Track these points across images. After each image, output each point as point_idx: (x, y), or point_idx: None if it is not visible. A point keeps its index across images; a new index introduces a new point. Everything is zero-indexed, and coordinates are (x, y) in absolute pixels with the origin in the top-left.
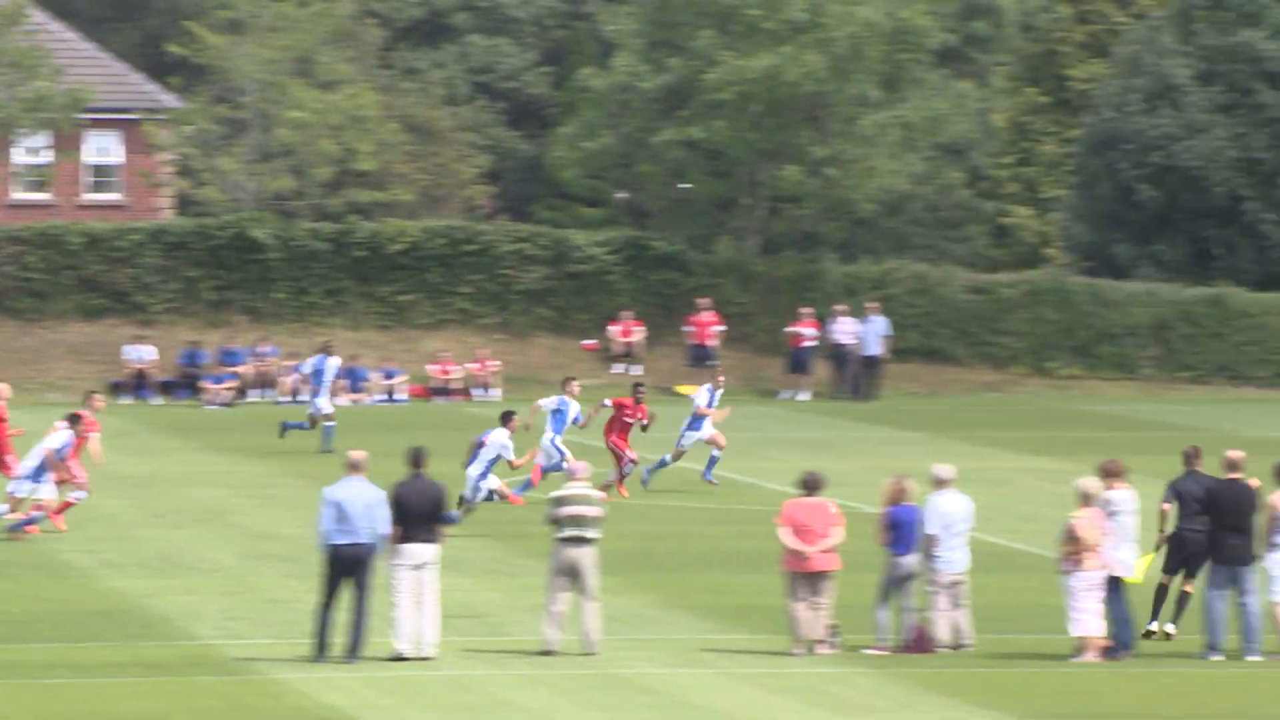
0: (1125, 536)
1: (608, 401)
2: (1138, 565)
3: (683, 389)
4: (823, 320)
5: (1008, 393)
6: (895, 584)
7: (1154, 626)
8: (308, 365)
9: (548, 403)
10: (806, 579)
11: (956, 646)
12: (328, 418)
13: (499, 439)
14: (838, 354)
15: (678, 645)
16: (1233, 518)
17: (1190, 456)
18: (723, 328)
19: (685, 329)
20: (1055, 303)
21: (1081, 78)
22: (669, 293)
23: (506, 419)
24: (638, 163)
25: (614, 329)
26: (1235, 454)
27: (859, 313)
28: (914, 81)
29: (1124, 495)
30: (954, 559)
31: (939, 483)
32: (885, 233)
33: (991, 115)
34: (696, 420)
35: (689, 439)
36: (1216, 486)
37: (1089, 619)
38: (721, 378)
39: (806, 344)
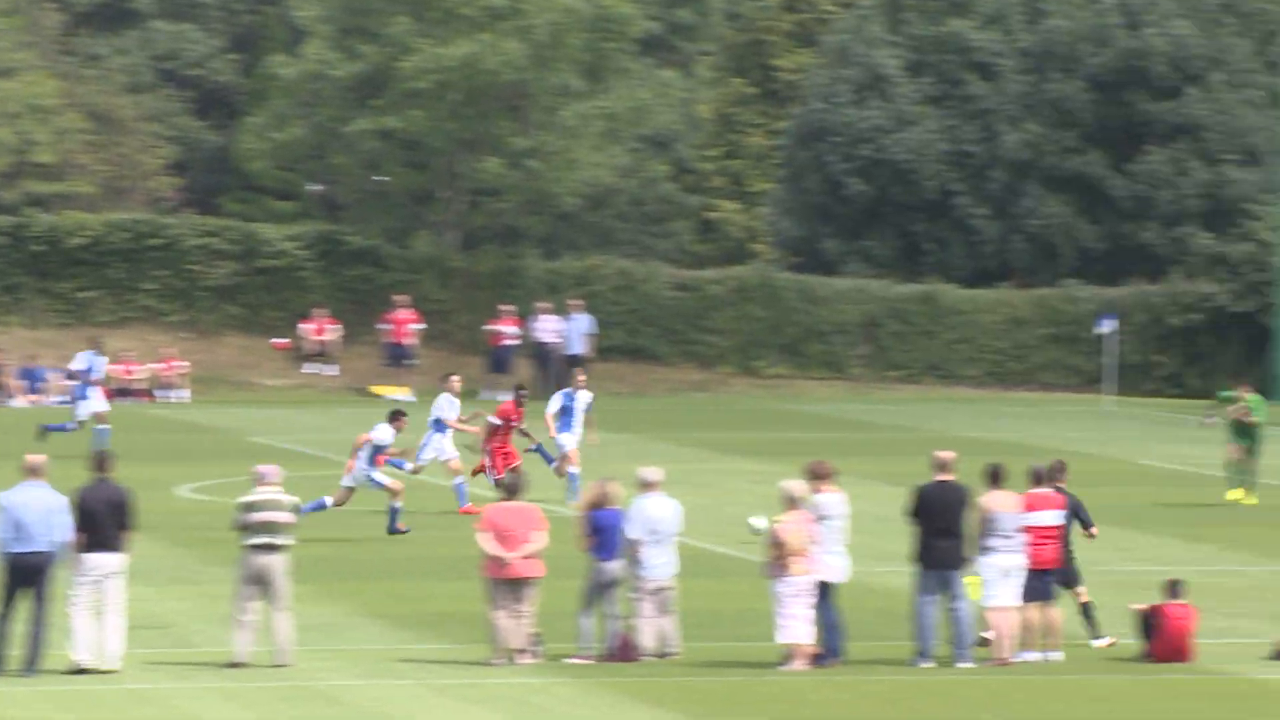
0: (835, 541)
1: (495, 419)
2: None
3: (379, 389)
4: (524, 318)
5: (714, 392)
6: (599, 590)
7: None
8: (79, 361)
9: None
10: (508, 586)
11: (662, 654)
12: (99, 419)
13: (381, 435)
14: (540, 353)
15: (374, 655)
16: (943, 520)
17: (1055, 471)
18: (421, 326)
19: (382, 327)
20: (763, 300)
21: (789, 68)
22: (364, 289)
23: (395, 418)
24: (331, 154)
25: (306, 327)
26: (944, 455)
27: (562, 310)
28: (617, 71)
29: (832, 498)
30: (660, 564)
31: (645, 485)
32: (588, 227)
33: (697, 106)
34: (566, 422)
35: (567, 441)
36: (925, 489)
37: (797, 626)
38: (582, 376)
39: (507, 342)
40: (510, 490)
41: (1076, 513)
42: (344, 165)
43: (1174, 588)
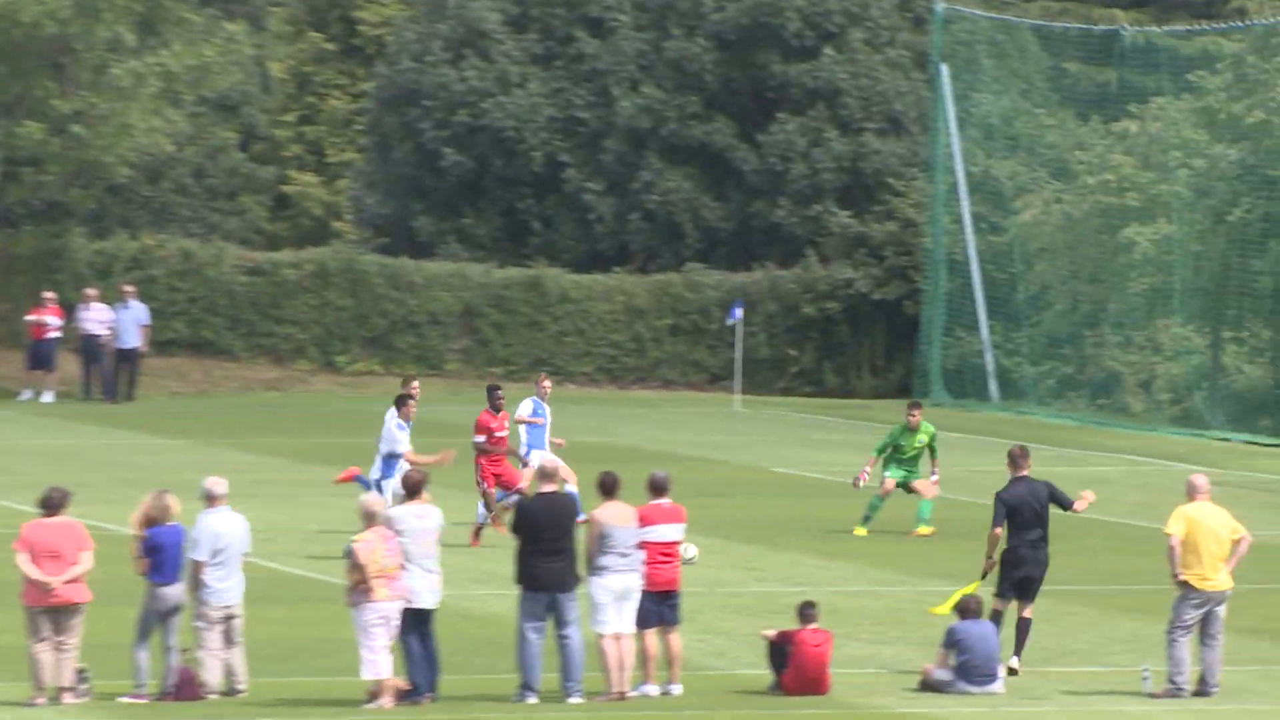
0: (422, 560)
1: (481, 448)
2: (950, 598)
3: None
4: (69, 307)
5: (291, 391)
6: (157, 619)
7: (1015, 664)
8: None
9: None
10: (50, 615)
11: (230, 692)
12: None
13: (389, 428)
14: (88, 347)
15: None
16: (549, 537)
17: (1017, 458)
18: None
19: None
20: (346, 286)
21: (374, 21)
22: None
23: (401, 402)
24: None
25: None
26: (550, 463)
27: (113, 298)
28: (175, 23)
29: (418, 511)
30: (227, 589)
31: (210, 499)
32: (144, 202)
33: (269, 64)
34: (535, 438)
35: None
36: (528, 502)
37: (382, 658)
38: (546, 383)
39: (50, 335)
40: (52, 505)
41: (1053, 495)
42: None
43: (807, 611)
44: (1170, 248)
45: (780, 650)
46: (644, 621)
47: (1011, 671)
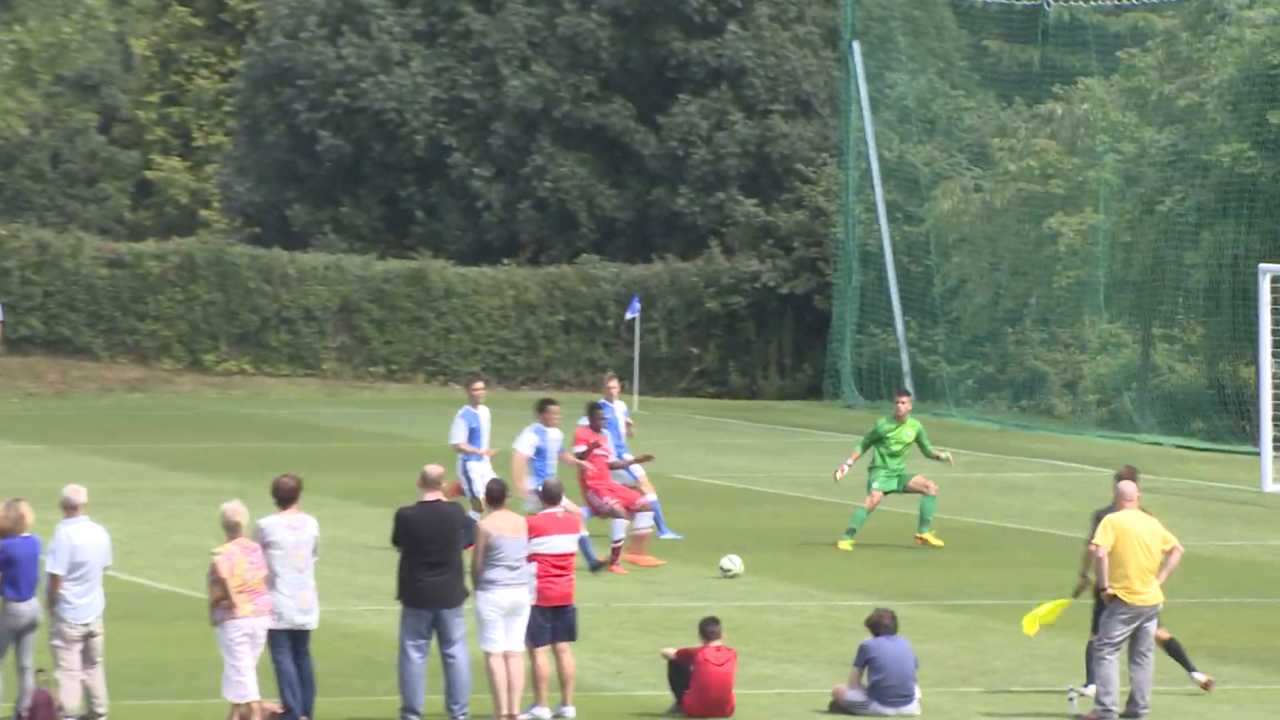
0: (295, 575)
1: (582, 457)
2: (1038, 614)
3: None
4: None
5: (155, 392)
6: (10, 637)
7: (1201, 677)
8: None
9: (458, 430)
10: None
11: (89, 715)
12: None
13: (554, 438)
14: None
15: None
16: (433, 549)
17: (1123, 479)
18: None
19: None
20: (214, 279)
21: None
22: None
23: (541, 408)
24: None
25: None
26: (434, 469)
27: None
28: None
29: (290, 521)
30: (86, 605)
31: (69, 508)
32: None
33: (130, 41)
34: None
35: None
36: (410, 511)
37: (249, 678)
38: (614, 383)
39: None
40: None
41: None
42: None
43: (710, 628)
44: (1097, 239)
45: (681, 669)
46: (535, 639)
47: (1207, 685)
